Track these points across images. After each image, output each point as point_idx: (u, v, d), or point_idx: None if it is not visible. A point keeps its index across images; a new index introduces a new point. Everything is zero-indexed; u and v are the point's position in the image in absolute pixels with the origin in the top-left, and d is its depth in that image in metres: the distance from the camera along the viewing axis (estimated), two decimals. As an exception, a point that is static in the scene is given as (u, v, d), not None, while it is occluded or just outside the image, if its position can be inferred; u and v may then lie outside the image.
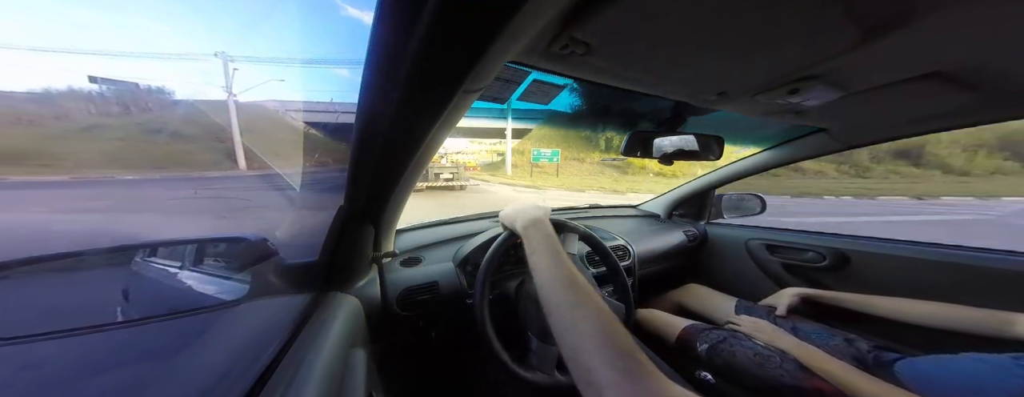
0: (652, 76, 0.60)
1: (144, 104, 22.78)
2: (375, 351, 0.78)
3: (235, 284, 0.72)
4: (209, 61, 30.89)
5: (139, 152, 17.99)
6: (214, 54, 20.17)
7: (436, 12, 0.28)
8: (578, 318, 0.41)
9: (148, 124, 21.06)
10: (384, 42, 0.33)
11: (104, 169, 17.27)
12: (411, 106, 0.41)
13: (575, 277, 0.48)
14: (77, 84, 28.42)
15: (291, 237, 0.87)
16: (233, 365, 0.52)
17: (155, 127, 20.71)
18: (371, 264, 0.85)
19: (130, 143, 18.95)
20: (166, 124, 21.21)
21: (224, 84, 17.10)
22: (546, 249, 0.54)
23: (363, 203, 0.66)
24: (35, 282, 0.56)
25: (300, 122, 22.13)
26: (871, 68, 0.57)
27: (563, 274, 0.48)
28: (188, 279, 0.81)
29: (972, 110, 0.79)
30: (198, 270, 0.82)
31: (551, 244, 0.56)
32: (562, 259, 0.52)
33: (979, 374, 0.64)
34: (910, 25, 0.43)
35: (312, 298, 0.69)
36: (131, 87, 25.48)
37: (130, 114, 21.60)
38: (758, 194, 1.57)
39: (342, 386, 0.48)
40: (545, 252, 0.54)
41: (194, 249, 0.84)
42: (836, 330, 0.94)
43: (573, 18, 0.40)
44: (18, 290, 0.54)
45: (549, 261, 0.52)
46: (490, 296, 0.77)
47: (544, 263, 0.52)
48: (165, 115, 22.75)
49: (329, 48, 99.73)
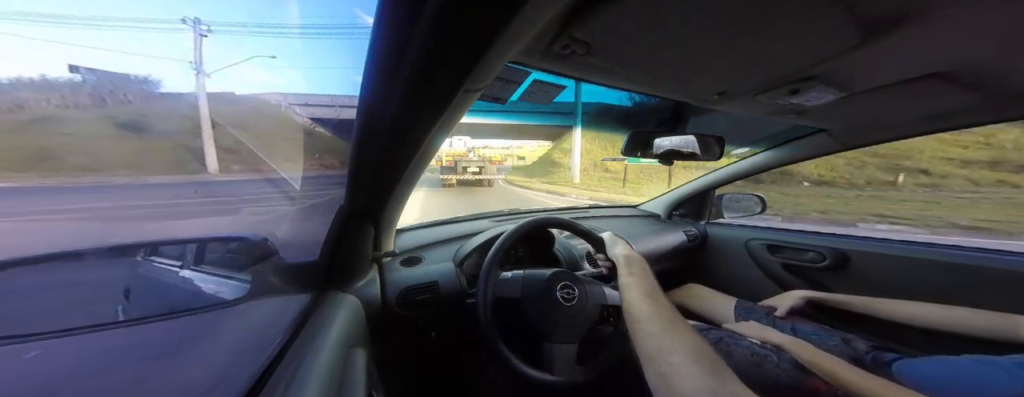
0: (652, 76, 0.60)
1: (121, 95, 19.41)
2: (375, 351, 0.78)
3: (235, 284, 0.72)
4: (178, 31, 23.40)
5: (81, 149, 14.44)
6: (182, 20, 14.08)
7: (436, 12, 0.28)
8: (665, 326, 0.49)
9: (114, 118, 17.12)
10: (385, 42, 0.33)
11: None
12: (412, 106, 0.41)
13: (665, 299, 0.56)
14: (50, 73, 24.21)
15: (291, 237, 0.87)
16: (233, 365, 0.52)
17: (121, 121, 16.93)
18: (371, 264, 0.85)
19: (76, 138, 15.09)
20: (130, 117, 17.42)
21: (193, 60, 13.42)
22: (649, 275, 0.64)
23: (363, 203, 0.66)
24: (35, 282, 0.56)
25: (299, 119, 19.77)
26: (871, 68, 0.57)
27: (657, 295, 0.57)
28: (188, 278, 0.81)
29: (972, 110, 0.79)
30: (198, 270, 0.82)
31: (651, 274, 0.65)
32: (658, 286, 0.61)
33: (979, 376, 0.64)
34: (910, 25, 0.43)
35: (312, 298, 0.69)
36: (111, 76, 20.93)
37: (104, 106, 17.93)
38: (758, 194, 1.57)
39: (342, 386, 0.48)
40: (649, 276, 0.64)
41: (194, 249, 0.84)
42: (834, 330, 0.94)
43: (573, 18, 0.40)
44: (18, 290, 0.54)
45: (650, 284, 0.61)
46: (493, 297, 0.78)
47: (646, 284, 0.61)
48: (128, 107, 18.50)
49: (329, 48, 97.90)
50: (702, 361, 0.41)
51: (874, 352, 0.83)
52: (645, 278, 0.62)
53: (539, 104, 0.80)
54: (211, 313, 0.64)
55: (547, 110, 18.01)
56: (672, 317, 0.50)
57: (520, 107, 15.97)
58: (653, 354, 0.45)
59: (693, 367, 0.41)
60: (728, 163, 1.46)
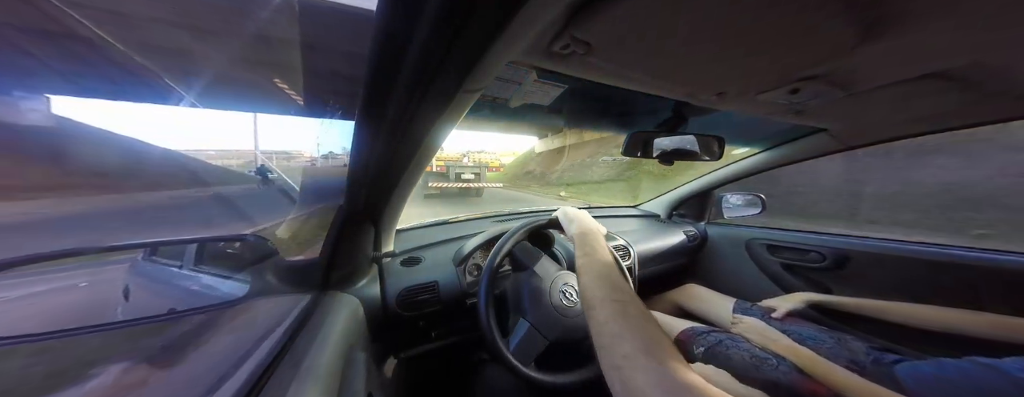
0: (652, 76, 0.60)
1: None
2: (375, 351, 0.78)
3: (235, 283, 0.72)
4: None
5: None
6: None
7: (436, 12, 0.28)
8: (618, 311, 0.45)
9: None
10: (385, 42, 0.33)
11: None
12: (411, 106, 0.41)
13: (620, 279, 0.53)
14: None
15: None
16: (233, 365, 0.52)
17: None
18: (371, 264, 0.85)
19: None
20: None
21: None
22: (602, 251, 0.61)
23: (363, 203, 0.66)
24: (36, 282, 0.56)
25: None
26: (871, 68, 0.57)
27: (611, 275, 0.54)
28: (188, 278, 0.81)
29: (972, 110, 0.79)
30: (198, 270, 0.82)
31: (606, 248, 0.63)
32: (614, 263, 0.58)
33: (980, 378, 0.63)
34: (910, 25, 0.43)
35: (312, 298, 0.69)
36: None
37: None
38: (758, 194, 1.57)
39: (342, 386, 0.48)
40: (601, 252, 0.61)
41: (194, 248, 0.84)
42: (834, 332, 0.94)
43: (573, 18, 0.40)
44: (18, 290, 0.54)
45: (602, 262, 0.57)
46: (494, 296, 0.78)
47: (597, 263, 0.57)
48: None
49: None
50: (655, 351, 0.38)
51: (874, 354, 0.83)
52: (599, 257, 0.58)
53: (538, 103, 0.80)
54: (211, 313, 0.64)
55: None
56: (626, 301, 0.47)
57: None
58: (606, 344, 0.42)
59: (644, 359, 0.37)
60: (728, 163, 1.46)
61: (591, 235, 0.65)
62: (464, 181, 11.05)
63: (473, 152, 12.85)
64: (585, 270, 0.57)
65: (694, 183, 1.63)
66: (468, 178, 11.11)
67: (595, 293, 0.50)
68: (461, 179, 11.00)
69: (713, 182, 1.55)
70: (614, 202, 1.95)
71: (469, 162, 11.54)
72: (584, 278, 0.55)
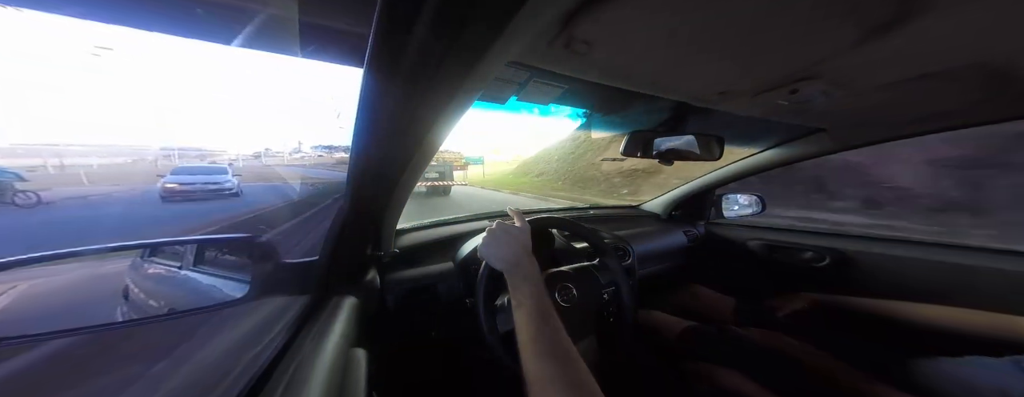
0: (652, 76, 0.60)
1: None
2: (375, 351, 0.78)
3: (235, 283, 0.72)
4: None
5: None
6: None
7: (436, 12, 0.28)
8: (545, 355, 0.45)
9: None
10: (384, 41, 0.33)
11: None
12: (411, 106, 0.41)
13: (558, 343, 0.48)
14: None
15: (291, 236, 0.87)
16: (233, 365, 0.52)
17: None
18: (371, 264, 0.85)
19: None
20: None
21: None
22: (531, 301, 0.54)
23: (363, 203, 0.66)
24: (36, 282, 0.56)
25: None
26: (871, 68, 0.57)
27: (546, 340, 0.49)
28: (188, 279, 0.81)
29: (972, 110, 0.79)
30: (198, 270, 0.82)
31: (537, 297, 0.55)
32: (548, 318, 0.52)
33: (980, 377, 0.64)
34: (910, 25, 0.43)
35: (312, 298, 0.69)
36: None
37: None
38: (758, 194, 1.57)
39: (342, 386, 0.48)
40: (530, 307, 0.53)
41: (195, 249, 0.84)
42: (835, 332, 0.94)
43: (574, 17, 0.40)
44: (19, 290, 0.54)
45: (533, 322, 0.52)
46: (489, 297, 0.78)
47: (526, 324, 0.52)
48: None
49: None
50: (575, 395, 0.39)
51: (876, 354, 0.83)
52: (529, 293, 0.55)
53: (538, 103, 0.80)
54: (211, 313, 0.64)
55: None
56: (554, 341, 0.47)
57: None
58: (532, 381, 0.43)
59: None
60: (728, 163, 1.46)
61: (517, 268, 0.59)
62: (429, 180, 11.16)
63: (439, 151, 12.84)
64: (518, 306, 0.54)
65: (694, 183, 1.63)
66: (432, 176, 11.20)
67: (528, 330, 0.49)
68: (425, 178, 10.85)
69: (713, 182, 1.55)
70: (614, 202, 1.96)
71: (434, 161, 11.61)
72: (517, 313, 0.53)
